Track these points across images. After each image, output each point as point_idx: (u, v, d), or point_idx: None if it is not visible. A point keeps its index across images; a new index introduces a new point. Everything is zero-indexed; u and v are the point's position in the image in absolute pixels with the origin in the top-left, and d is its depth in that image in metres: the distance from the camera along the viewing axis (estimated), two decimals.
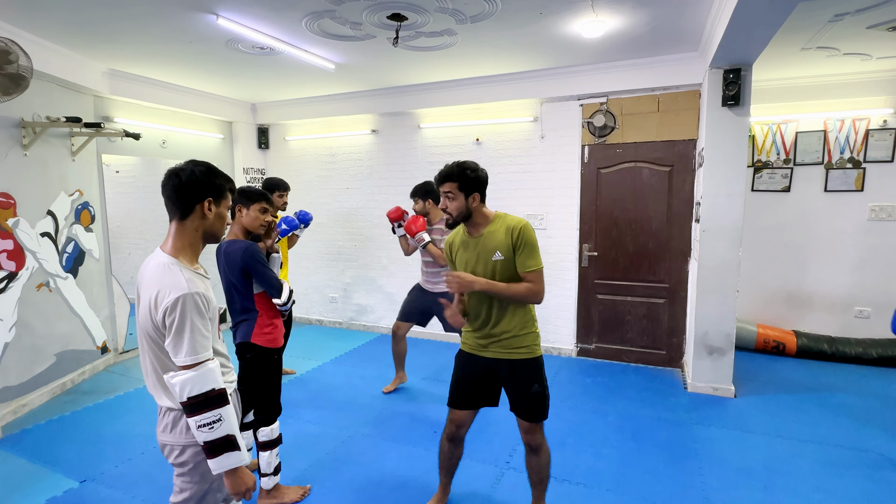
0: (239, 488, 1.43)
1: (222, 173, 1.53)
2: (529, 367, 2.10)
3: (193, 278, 1.43)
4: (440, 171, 2.11)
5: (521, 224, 2.03)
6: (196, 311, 1.38)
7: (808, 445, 3.03)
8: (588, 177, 4.53)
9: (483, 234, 2.08)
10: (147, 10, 3.00)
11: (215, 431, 1.36)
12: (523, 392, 2.10)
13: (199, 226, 1.48)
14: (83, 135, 3.95)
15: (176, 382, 1.35)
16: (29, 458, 2.94)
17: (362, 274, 5.65)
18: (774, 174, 4.70)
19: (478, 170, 2.09)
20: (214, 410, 1.36)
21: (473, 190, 2.06)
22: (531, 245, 2.02)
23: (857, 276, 4.54)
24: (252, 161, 5.91)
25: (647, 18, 3.20)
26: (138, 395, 3.83)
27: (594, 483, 2.65)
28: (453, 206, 2.07)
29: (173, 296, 1.36)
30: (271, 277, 2.33)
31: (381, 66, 4.26)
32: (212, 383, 1.37)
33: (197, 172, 1.46)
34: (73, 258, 4.07)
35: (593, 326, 4.66)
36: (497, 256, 2.03)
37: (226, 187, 1.52)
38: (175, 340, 1.36)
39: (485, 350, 2.14)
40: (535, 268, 2.02)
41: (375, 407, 3.62)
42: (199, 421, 1.35)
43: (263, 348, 2.37)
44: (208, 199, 1.46)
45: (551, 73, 4.40)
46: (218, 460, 1.38)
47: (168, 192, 1.45)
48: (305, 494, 2.56)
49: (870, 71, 4.16)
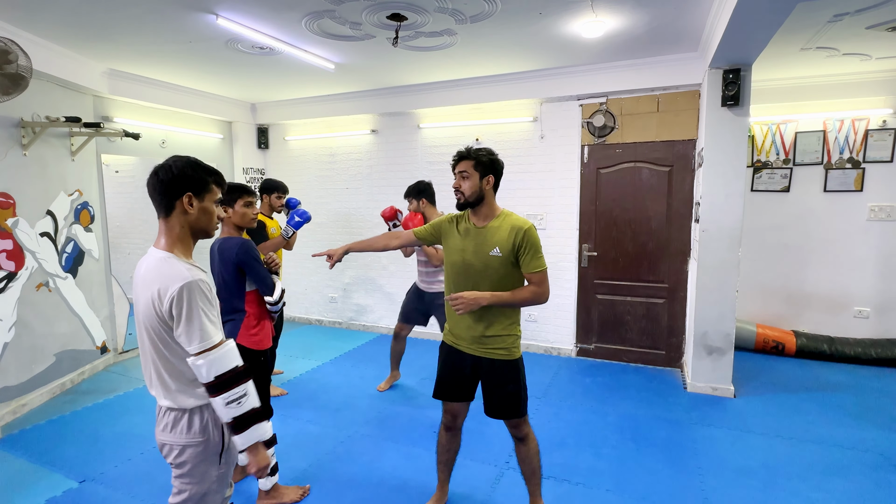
0: (261, 463, 1.46)
1: (204, 166, 1.50)
2: (507, 368, 2.10)
3: (192, 268, 1.44)
4: (456, 153, 2.11)
5: (527, 226, 2.03)
6: (202, 297, 1.39)
7: (807, 445, 3.03)
8: (588, 177, 4.53)
9: (486, 227, 2.08)
10: (147, 10, 3.00)
11: (243, 406, 1.40)
12: (498, 392, 2.13)
13: (183, 222, 1.47)
14: (83, 135, 3.95)
15: (201, 364, 1.36)
16: (28, 458, 2.93)
17: (362, 274, 5.65)
18: (774, 174, 4.70)
19: (494, 155, 2.10)
20: (241, 386, 1.40)
21: (488, 172, 2.06)
22: (535, 247, 2.02)
23: (857, 276, 4.54)
24: (252, 161, 5.91)
25: (647, 18, 3.20)
26: (138, 395, 3.83)
27: (594, 483, 2.65)
28: (467, 185, 2.05)
29: (177, 285, 1.36)
30: (265, 275, 2.34)
31: (380, 66, 4.26)
32: (235, 360, 1.42)
33: (174, 168, 1.44)
34: (72, 258, 4.06)
35: (593, 326, 4.66)
36: (495, 252, 2.03)
37: (208, 180, 1.49)
38: (186, 329, 1.37)
39: (466, 346, 2.15)
40: (539, 269, 2.03)
41: (375, 407, 3.62)
42: (227, 398, 1.38)
43: (249, 350, 2.35)
44: (188, 195, 1.45)
45: (551, 73, 4.40)
46: (245, 435, 1.41)
47: (150, 190, 1.46)
48: (305, 494, 2.55)
49: (869, 71, 4.16)
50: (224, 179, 1.59)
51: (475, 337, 2.11)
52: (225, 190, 1.61)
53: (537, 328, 4.83)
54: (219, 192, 1.54)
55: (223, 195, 1.61)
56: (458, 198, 2.10)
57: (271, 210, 3.86)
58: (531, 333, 4.84)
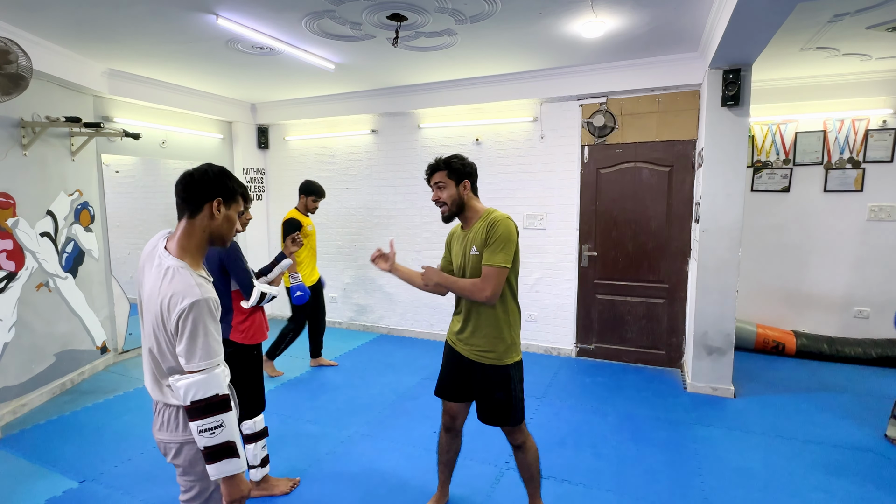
0: (234, 495, 1.42)
1: (237, 179, 1.57)
2: (496, 374, 2.07)
3: (203, 283, 1.43)
4: (427, 166, 2.12)
5: (500, 218, 1.99)
6: (209, 316, 1.39)
7: (807, 445, 3.03)
8: (588, 177, 4.53)
9: (471, 229, 2.09)
10: (147, 10, 3.00)
11: (216, 437, 1.36)
12: (485, 397, 2.11)
13: (207, 226, 1.48)
14: (83, 135, 3.95)
15: (181, 386, 1.34)
16: (28, 458, 2.93)
17: (362, 274, 5.65)
18: (774, 174, 4.70)
19: (464, 159, 2.11)
20: (217, 416, 1.36)
21: (463, 177, 2.06)
22: (501, 240, 1.94)
23: (857, 276, 4.54)
24: (252, 161, 5.91)
25: (647, 19, 3.20)
26: (138, 395, 3.83)
27: (594, 483, 2.65)
28: (446, 195, 2.06)
29: (187, 301, 1.35)
30: (246, 280, 2.38)
31: (380, 66, 4.26)
32: (216, 388, 1.37)
33: (210, 173, 1.49)
34: (72, 258, 4.06)
35: (593, 326, 4.66)
36: (473, 251, 2.03)
37: (237, 192, 1.55)
38: (188, 345, 1.35)
39: (461, 347, 2.15)
40: (492, 263, 1.94)
41: (375, 407, 3.62)
42: (200, 426, 1.35)
43: (241, 345, 2.41)
44: (218, 199, 1.47)
45: (551, 74, 4.40)
46: (217, 466, 1.38)
47: (179, 189, 1.47)
48: (295, 486, 2.61)
49: (869, 71, 4.17)
50: (250, 197, 1.65)
51: (464, 338, 2.11)
52: (249, 206, 1.66)
53: (537, 328, 4.83)
54: (242, 206, 1.60)
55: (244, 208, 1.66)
56: (442, 210, 2.10)
57: (306, 210, 4.18)
58: (531, 333, 4.83)
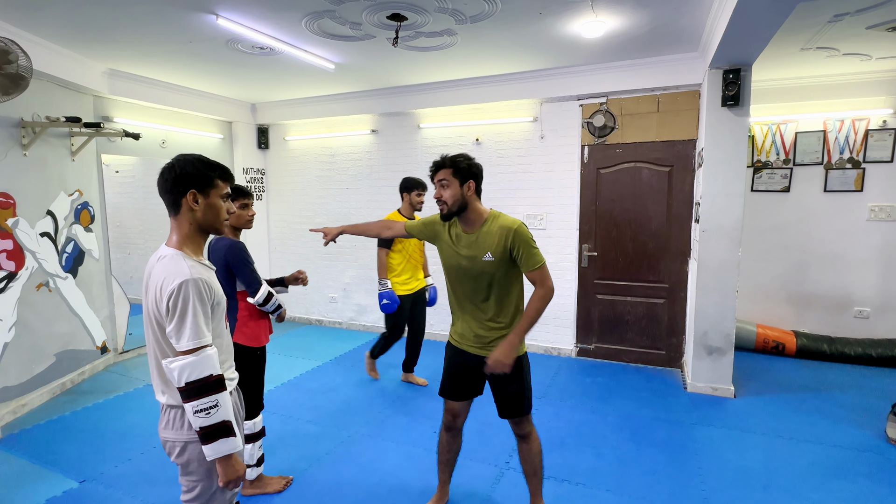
0: (230, 476, 1.44)
1: (208, 161, 1.51)
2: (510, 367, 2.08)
3: (196, 266, 1.45)
4: (433, 162, 2.11)
5: (515, 226, 2.01)
6: (198, 296, 1.39)
7: (807, 445, 3.03)
8: (588, 177, 4.53)
9: (478, 233, 2.07)
10: (147, 10, 3.00)
11: (211, 417, 1.37)
12: (501, 390, 2.14)
13: (191, 219, 1.48)
14: (83, 135, 3.95)
15: (174, 367, 1.36)
16: (29, 458, 2.93)
17: (362, 274, 5.65)
18: (774, 174, 4.70)
19: (471, 160, 2.09)
20: (212, 396, 1.37)
21: (468, 178, 2.05)
22: (528, 243, 2.00)
23: (857, 276, 4.54)
24: (252, 161, 5.91)
25: (647, 19, 3.20)
26: (138, 395, 3.83)
27: (594, 483, 2.65)
28: (448, 194, 2.05)
29: (177, 281, 1.37)
30: (252, 278, 2.37)
31: (380, 66, 4.26)
32: (210, 369, 1.38)
33: (177, 167, 1.47)
34: (72, 258, 4.06)
35: (593, 326, 4.66)
36: (487, 258, 2.03)
37: (212, 176, 1.49)
38: (177, 325, 1.37)
39: (469, 346, 2.16)
40: (538, 265, 2.01)
41: (375, 407, 3.62)
42: (195, 406, 1.36)
43: (244, 346, 2.40)
44: (192, 192, 1.46)
45: (551, 74, 4.40)
46: (213, 446, 1.39)
47: (159, 190, 1.49)
48: (288, 484, 2.62)
49: (869, 71, 4.16)
50: (230, 173, 1.58)
51: (478, 337, 2.12)
52: (232, 184, 1.61)
53: (537, 328, 4.83)
54: (225, 187, 1.54)
55: (231, 190, 1.62)
56: (442, 208, 2.09)
57: (412, 209, 3.64)
58: (531, 333, 4.79)
